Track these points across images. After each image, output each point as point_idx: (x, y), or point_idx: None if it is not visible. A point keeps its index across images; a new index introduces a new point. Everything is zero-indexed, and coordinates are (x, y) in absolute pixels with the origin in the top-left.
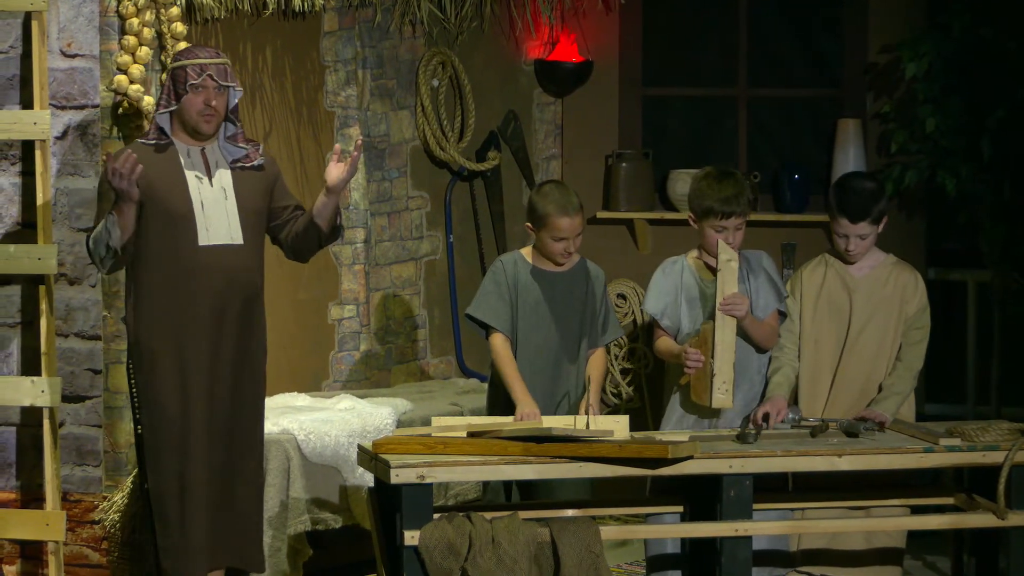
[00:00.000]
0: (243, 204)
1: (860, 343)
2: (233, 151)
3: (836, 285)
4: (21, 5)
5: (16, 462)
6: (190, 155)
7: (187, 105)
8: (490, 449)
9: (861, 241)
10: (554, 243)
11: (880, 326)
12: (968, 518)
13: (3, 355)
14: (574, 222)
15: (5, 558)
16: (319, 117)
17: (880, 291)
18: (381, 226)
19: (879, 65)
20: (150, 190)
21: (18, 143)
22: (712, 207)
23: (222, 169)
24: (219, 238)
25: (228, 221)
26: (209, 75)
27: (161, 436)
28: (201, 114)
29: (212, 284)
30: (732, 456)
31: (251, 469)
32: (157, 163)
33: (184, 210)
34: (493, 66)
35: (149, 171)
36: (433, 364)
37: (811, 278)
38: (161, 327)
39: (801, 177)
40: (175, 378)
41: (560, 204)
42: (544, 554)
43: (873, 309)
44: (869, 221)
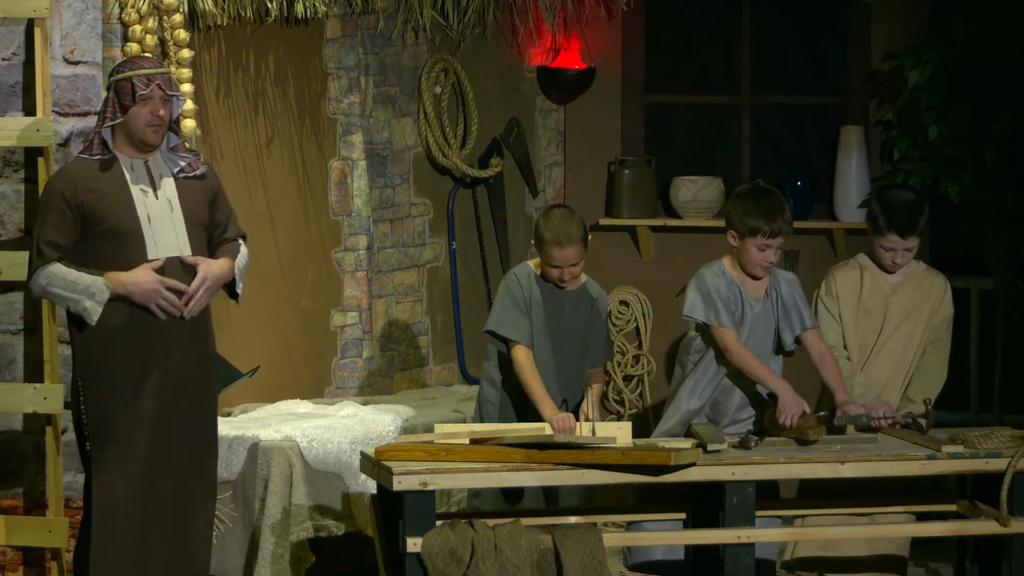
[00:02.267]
0: (188, 215)
1: (887, 348)
2: (176, 161)
3: (872, 290)
4: (24, 12)
5: (19, 469)
6: (134, 168)
7: (134, 117)
8: (493, 456)
9: (908, 254)
10: (549, 268)
11: (908, 331)
12: (971, 525)
13: (6, 362)
14: (566, 253)
15: (7, 565)
16: (322, 124)
17: (915, 297)
18: (384, 233)
19: (882, 72)
20: (97, 208)
21: (21, 150)
22: (759, 227)
23: (166, 179)
24: (167, 251)
25: (176, 233)
26: (157, 84)
27: (109, 451)
28: (149, 125)
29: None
30: (735, 463)
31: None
32: (101, 179)
33: (131, 226)
34: (496, 73)
35: (95, 187)
36: (435, 371)
37: (846, 281)
38: (111, 343)
39: (804, 184)
40: (125, 393)
41: (555, 233)
42: (547, 561)
43: (906, 315)
44: (917, 234)
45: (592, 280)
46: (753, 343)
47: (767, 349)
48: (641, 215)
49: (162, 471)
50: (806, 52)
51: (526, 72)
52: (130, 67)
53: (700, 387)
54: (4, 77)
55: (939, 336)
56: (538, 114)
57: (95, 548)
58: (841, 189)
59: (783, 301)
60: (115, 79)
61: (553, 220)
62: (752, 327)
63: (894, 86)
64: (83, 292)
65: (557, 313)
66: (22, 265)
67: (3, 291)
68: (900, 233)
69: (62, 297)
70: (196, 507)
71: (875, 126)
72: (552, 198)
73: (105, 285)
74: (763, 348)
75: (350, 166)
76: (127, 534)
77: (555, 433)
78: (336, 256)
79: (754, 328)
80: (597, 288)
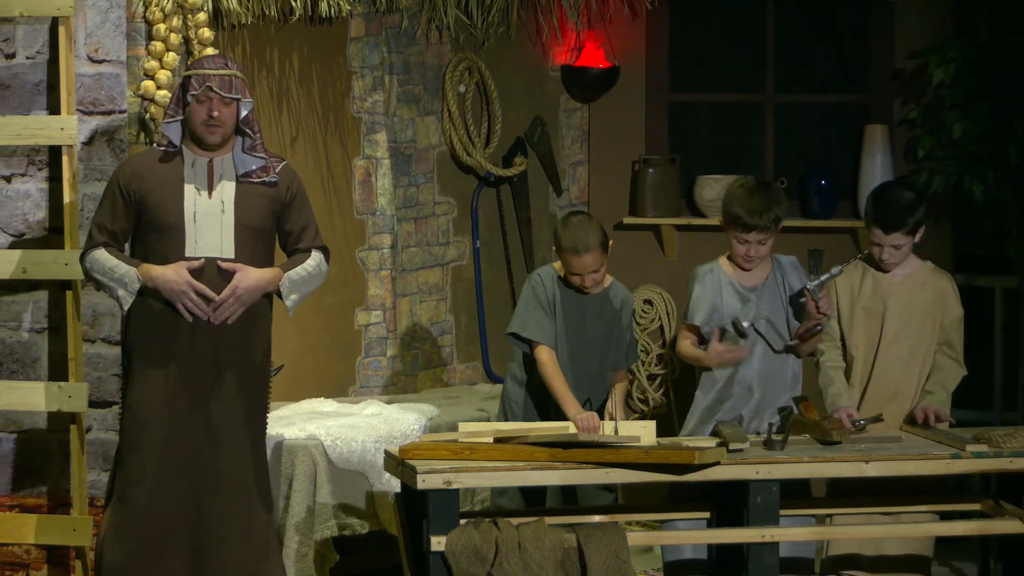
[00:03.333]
0: (241, 219)
1: (893, 349)
2: (249, 162)
3: (871, 291)
4: (48, 11)
5: (43, 468)
6: (195, 165)
7: (191, 115)
8: (517, 455)
9: (895, 251)
10: (570, 275)
11: (914, 333)
12: (995, 524)
13: (31, 360)
14: (584, 260)
15: (32, 563)
16: (346, 123)
17: (916, 298)
18: (408, 232)
19: (906, 71)
20: (146, 199)
21: (45, 149)
22: (737, 216)
23: (227, 181)
24: (208, 251)
25: (221, 235)
26: (208, 86)
27: (135, 439)
28: (204, 124)
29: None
30: (759, 462)
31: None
32: (160, 172)
33: (174, 221)
34: (520, 72)
35: (150, 179)
36: (459, 370)
37: (844, 280)
38: (147, 335)
39: (828, 183)
40: (156, 385)
41: (573, 241)
42: (571, 560)
43: (909, 316)
44: (903, 232)
45: (618, 282)
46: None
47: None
48: (665, 214)
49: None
50: (830, 51)
51: (550, 71)
52: (195, 66)
53: (708, 383)
54: (28, 76)
55: (949, 339)
56: (562, 113)
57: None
58: (865, 188)
59: (790, 285)
60: (184, 75)
61: (571, 228)
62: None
63: (918, 85)
64: (117, 281)
65: (579, 316)
66: (47, 264)
67: (28, 289)
68: (883, 228)
69: (101, 283)
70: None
71: (899, 125)
72: (576, 197)
73: (137, 277)
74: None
75: (374, 165)
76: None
77: (579, 432)
78: (360, 255)
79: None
80: (623, 291)
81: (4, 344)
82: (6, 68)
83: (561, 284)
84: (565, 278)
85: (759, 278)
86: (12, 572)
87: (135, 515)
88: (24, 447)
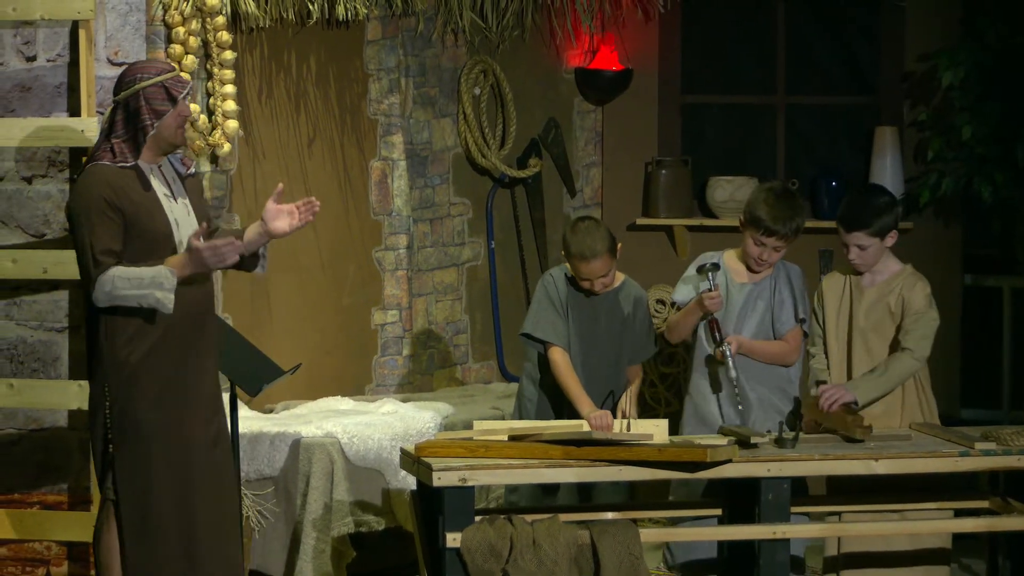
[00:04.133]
0: (199, 215)
1: (866, 351)
2: (175, 162)
3: (844, 295)
4: (69, 14)
5: (63, 465)
6: (152, 173)
7: (168, 121)
8: (531, 452)
9: (860, 251)
10: (579, 280)
11: (884, 335)
12: (1003, 521)
13: (51, 359)
14: (592, 266)
15: (52, 559)
16: (362, 125)
17: (882, 304)
18: (423, 232)
19: (916, 74)
20: (136, 213)
21: (66, 150)
22: (760, 219)
23: (177, 184)
24: None
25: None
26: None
27: (136, 450)
28: (180, 127)
29: (190, 296)
30: (770, 460)
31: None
32: (133, 186)
33: (165, 230)
34: (534, 74)
35: (130, 194)
36: (474, 369)
37: (830, 285)
38: (144, 345)
39: (838, 184)
40: (153, 394)
41: (580, 248)
42: (584, 556)
43: (875, 321)
44: (866, 232)
45: (631, 280)
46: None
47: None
48: (677, 215)
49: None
50: (840, 54)
51: (564, 73)
52: (154, 72)
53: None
54: (49, 78)
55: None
56: (576, 115)
57: (133, 549)
58: None
59: (780, 292)
60: (142, 86)
61: (579, 234)
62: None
63: (927, 87)
64: (150, 285)
65: (592, 315)
66: (67, 264)
67: (48, 289)
68: (844, 226)
69: (130, 296)
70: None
71: (909, 127)
72: (590, 198)
73: (170, 272)
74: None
75: (390, 166)
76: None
77: (592, 431)
78: (376, 255)
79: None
80: (636, 288)
81: (25, 343)
82: (27, 71)
83: (573, 285)
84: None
85: (755, 277)
86: (33, 568)
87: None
88: (45, 445)
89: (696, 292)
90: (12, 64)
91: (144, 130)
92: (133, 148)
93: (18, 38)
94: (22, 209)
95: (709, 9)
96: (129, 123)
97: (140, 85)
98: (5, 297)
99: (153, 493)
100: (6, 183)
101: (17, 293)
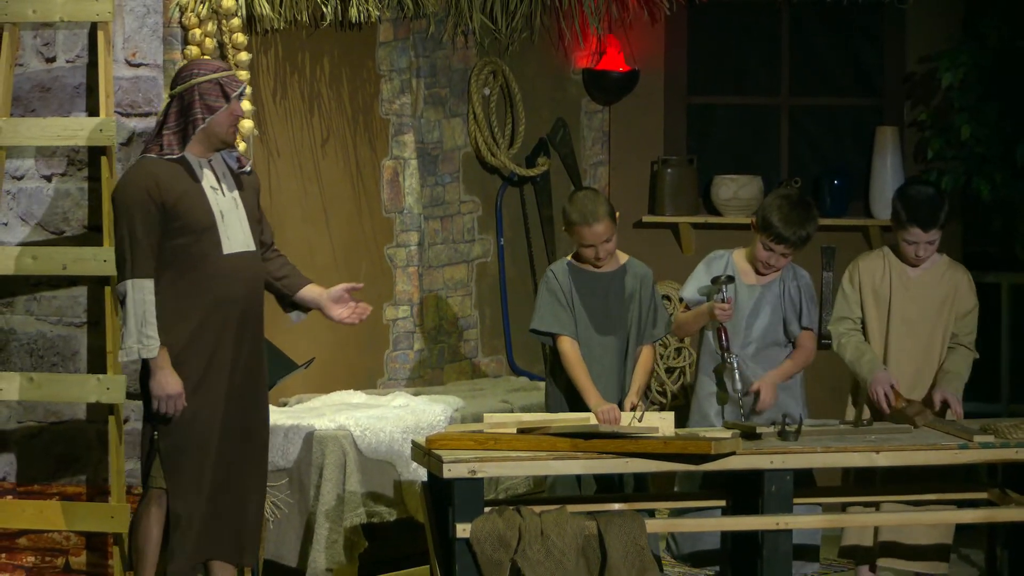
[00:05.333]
0: (248, 211)
1: (911, 340)
2: (228, 158)
3: (887, 280)
4: (88, 16)
5: (82, 457)
6: (202, 167)
7: (221, 118)
8: (539, 445)
9: (930, 247)
10: (583, 248)
11: (930, 323)
12: (1001, 512)
13: (70, 353)
14: (595, 230)
15: (71, 549)
16: (375, 124)
17: (932, 291)
18: (434, 230)
19: (917, 75)
20: (177, 205)
21: (84, 149)
22: (772, 225)
23: (228, 179)
24: (238, 246)
25: (242, 229)
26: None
27: (180, 437)
28: (231, 125)
29: (235, 290)
30: (773, 452)
31: (260, 466)
32: (179, 178)
33: (208, 222)
34: (542, 75)
35: (174, 186)
36: (484, 363)
37: (868, 269)
38: (185, 331)
39: (841, 183)
40: (195, 380)
41: (583, 213)
42: (591, 546)
43: (923, 307)
44: (939, 227)
45: (635, 259)
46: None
47: (770, 336)
48: (683, 212)
49: (229, 452)
50: (843, 55)
51: (572, 74)
52: (211, 70)
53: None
54: (69, 79)
55: (963, 331)
56: (583, 115)
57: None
58: (876, 187)
59: (791, 296)
60: (197, 82)
61: (578, 202)
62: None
63: (928, 88)
64: (138, 333)
65: (602, 296)
66: (86, 260)
67: (68, 285)
68: (922, 227)
69: (126, 316)
70: (250, 496)
71: (909, 126)
72: None
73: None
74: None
75: (402, 165)
76: (199, 519)
77: (599, 424)
78: (388, 252)
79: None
80: (641, 266)
81: (45, 338)
82: (47, 71)
83: (575, 272)
84: (578, 262)
85: (763, 279)
86: (53, 557)
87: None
88: (64, 437)
89: (706, 287)
90: (32, 65)
91: (194, 123)
92: (181, 140)
93: (38, 40)
94: (42, 207)
95: (714, 12)
96: (181, 116)
97: (195, 80)
98: (25, 293)
99: (193, 479)
100: (26, 181)
101: (37, 289)
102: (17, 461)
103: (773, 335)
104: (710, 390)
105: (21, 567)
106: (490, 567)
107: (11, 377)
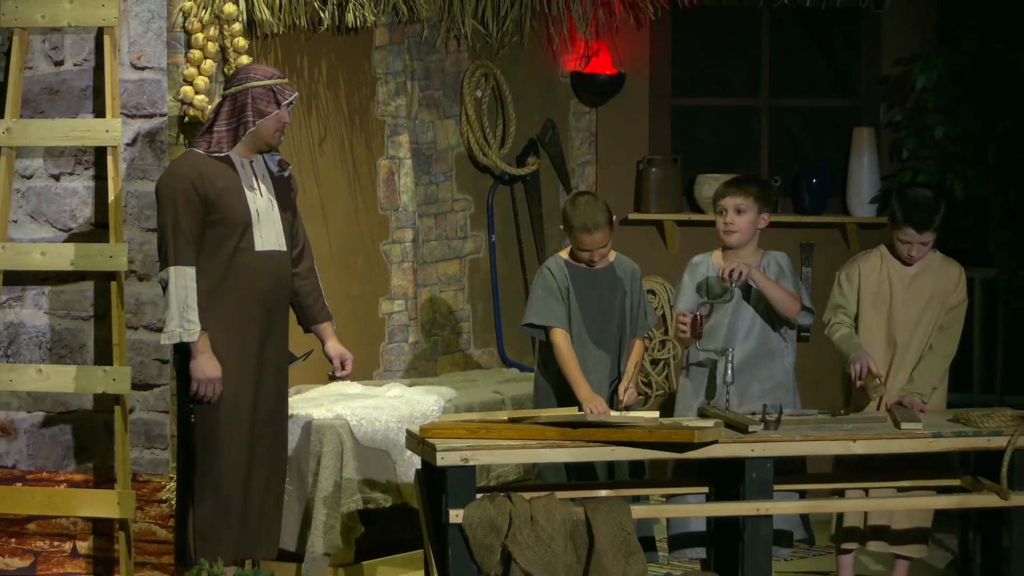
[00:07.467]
0: (283, 213)
1: (915, 338)
2: (269, 160)
3: (886, 279)
4: (94, 21)
5: (89, 446)
6: (243, 167)
7: (269, 122)
8: (529, 434)
9: (923, 247)
10: (579, 251)
11: (929, 321)
12: (973, 498)
13: (78, 346)
14: (594, 237)
15: (79, 535)
16: (370, 125)
17: (928, 286)
18: (428, 227)
19: (892, 77)
20: (219, 199)
21: (91, 149)
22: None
23: (267, 180)
24: (271, 245)
25: (275, 229)
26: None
27: (214, 420)
28: (279, 131)
29: (264, 285)
30: (755, 441)
31: (281, 458)
32: (221, 174)
33: (245, 219)
34: (532, 78)
35: (215, 181)
36: (476, 355)
37: (868, 271)
38: (217, 321)
39: (819, 181)
40: (226, 363)
41: (583, 220)
42: (579, 531)
43: (922, 304)
44: (933, 230)
45: (622, 255)
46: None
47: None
48: (667, 210)
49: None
50: (821, 59)
51: (560, 77)
52: (266, 75)
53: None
54: (76, 81)
55: (950, 322)
56: (572, 116)
57: (200, 507)
58: (853, 186)
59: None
60: (251, 86)
61: (580, 207)
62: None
63: (903, 90)
64: (180, 318)
65: (596, 291)
66: (93, 256)
67: (75, 280)
68: (916, 227)
69: (169, 301)
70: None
71: (885, 127)
72: None
73: (199, 336)
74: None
75: (397, 164)
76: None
77: (587, 413)
78: (384, 248)
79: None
80: (628, 262)
81: (54, 331)
82: (55, 74)
83: (570, 268)
84: (573, 258)
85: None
86: (60, 542)
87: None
88: (72, 427)
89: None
90: (41, 68)
91: (245, 125)
92: (231, 139)
93: (47, 44)
94: (50, 205)
95: (698, 17)
96: (233, 116)
97: (249, 84)
98: (35, 287)
99: (220, 457)
100: (35, 180)
101: (46, 284)
102: (26, 449)
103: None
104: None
105: (30, 551)
106: (481, 551)
107: (21, 368)
